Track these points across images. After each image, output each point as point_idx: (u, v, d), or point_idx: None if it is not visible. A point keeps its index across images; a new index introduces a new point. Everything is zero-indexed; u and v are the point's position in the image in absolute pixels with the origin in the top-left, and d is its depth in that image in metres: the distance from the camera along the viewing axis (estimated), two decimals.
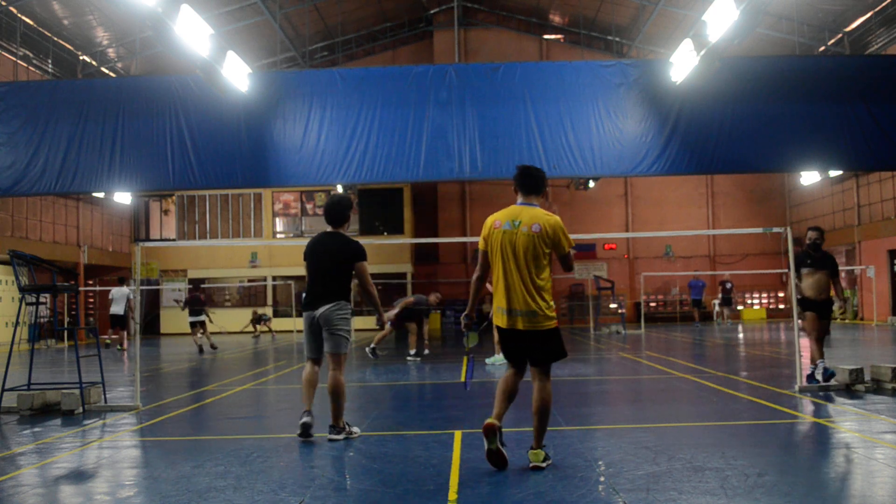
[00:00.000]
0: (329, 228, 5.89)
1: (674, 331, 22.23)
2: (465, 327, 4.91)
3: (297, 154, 11.80)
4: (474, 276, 4.80)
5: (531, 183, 4.73)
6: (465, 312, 4.85)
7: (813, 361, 8.26)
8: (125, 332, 18.25)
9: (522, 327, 4.49)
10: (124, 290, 17.91)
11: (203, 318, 16.91)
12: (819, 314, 8.30)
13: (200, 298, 17.14)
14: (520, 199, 4.72)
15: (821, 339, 8.39)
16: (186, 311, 17.39)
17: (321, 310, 5.68)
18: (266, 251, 28.57)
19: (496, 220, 4.67)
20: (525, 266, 4.49)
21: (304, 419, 5.78)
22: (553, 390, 4.68)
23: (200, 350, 16.96)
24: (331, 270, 5.75)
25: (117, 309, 17.83)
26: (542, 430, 4.61)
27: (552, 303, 4.58)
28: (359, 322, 24.10)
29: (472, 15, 29.79)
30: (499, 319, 4.59)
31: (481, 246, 4.70)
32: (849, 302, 24.48)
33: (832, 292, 8.46)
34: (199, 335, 16.97)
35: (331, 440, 5.68)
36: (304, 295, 5.94)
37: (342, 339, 5.74)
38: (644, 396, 8.56)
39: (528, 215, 4.58)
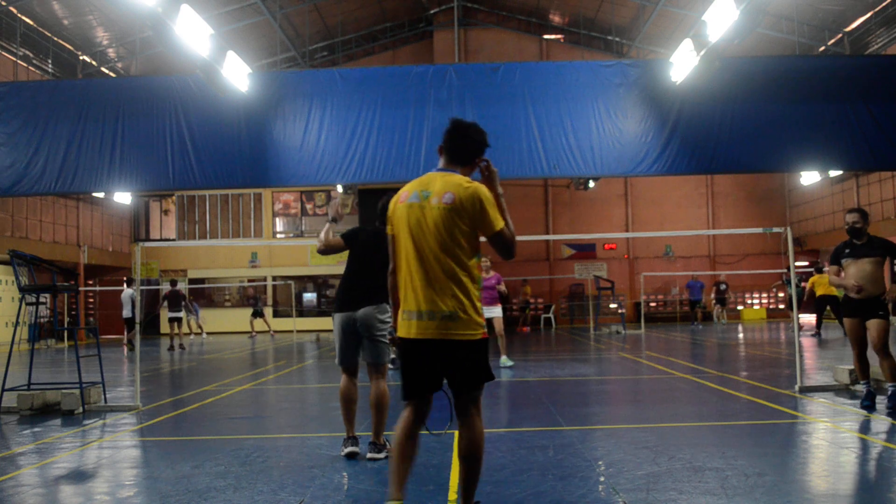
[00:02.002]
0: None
1: (674, 331, 22.23)
2: (393, 342, 3.82)
3: (297, 154, 11.78)
4: (388, 271, 3.58)
5: (461, 144, 3.53)
6: (391, 324, 3.73)
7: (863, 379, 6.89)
8: (132, 333, 18.31)
9: (435, 335, 3.28)
10: (129, 291, 18.04)
11: (181, 314, 17.00)
12: (861, 315, 6.69)
13: (179, 294, 17.21)
14: (441, 162, 3.55)
15: (864, 350, 6.79)
16: (165, 307, 17.57)
17: (362, 311, 5.00)
18: (266, 251, 28.58)
19: (404, 190, 3.51)
20: (438, 251, 3.31)
21: (349, 449, 5.11)
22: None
23: (181, 347, 17.06)
24: (373, 265, 4.96)
25: (126, 312, 17.98)
26: (474, 482, 3.43)
27: (479, 304, 3.38)
28: None
29: (472, 15, 29.79)
30: (403, 328, 3.41)
31: (389, 230, 3.55)
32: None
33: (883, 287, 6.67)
34: (176, 331, 17.26)
35: (371, 459, 5.01)
36: (339, 292, 5.21)
37: (384, 347, 5.07)
38: (644, 396, 8.56)
39: (440, 183, 3.39)
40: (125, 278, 19.93)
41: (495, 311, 11.28)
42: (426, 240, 3.33)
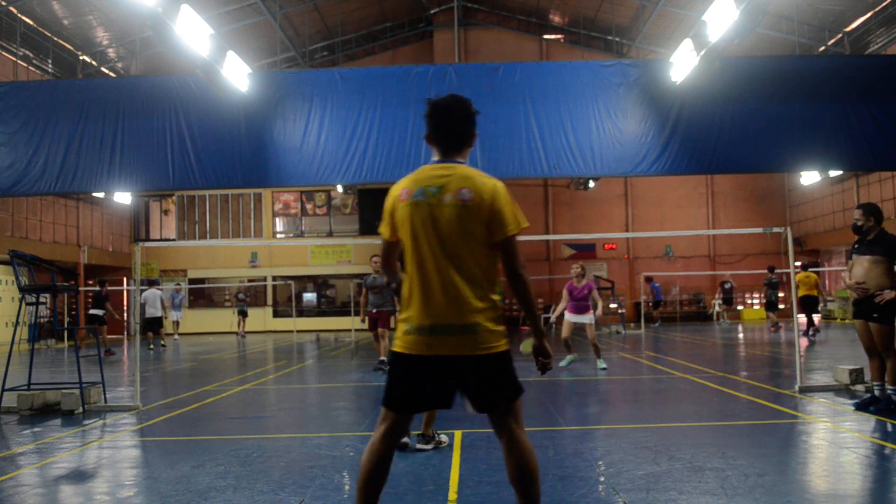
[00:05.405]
0: None
1: (673, 331, 22.24)
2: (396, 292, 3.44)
3: (297, 154, 11.78)
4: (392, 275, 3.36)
5: (448, 129, 3.07)
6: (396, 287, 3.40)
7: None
8: (162, 330, 18.78)
9: (452, 352, 2.86)
10: (157, 292, 18.42)
11: (102, 312, 16.65)
12: (864, 316, 6.47)
13: (102, 294, 16.94)
14: (436, 155, 3.12)
15: (872, 351, 6.54)
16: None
17: None
18: (266, 251, 28.58)
19: (403, 188, 3.08)
20: (456, 255, 2.90)
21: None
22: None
23: (108, 352, 16.75)
24: None
25: (154, 311, 18.15)
26: None
27: (499, 311, 2.99)
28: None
29: (472, 15, 29.79)
30: (408, 344, 2.93)
31: (384, 232, 3.15)
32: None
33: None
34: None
35: (419, 449, 5.27)
36: None
37: None
38: (644, 396, 8.56)
39: (455, 177, 2.98)
40: (148, 279, 20.06)
41: (586, 319, 10.97)
42: (440, 243, 2.91)
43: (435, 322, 2.88)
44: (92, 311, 16.78)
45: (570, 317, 10.91)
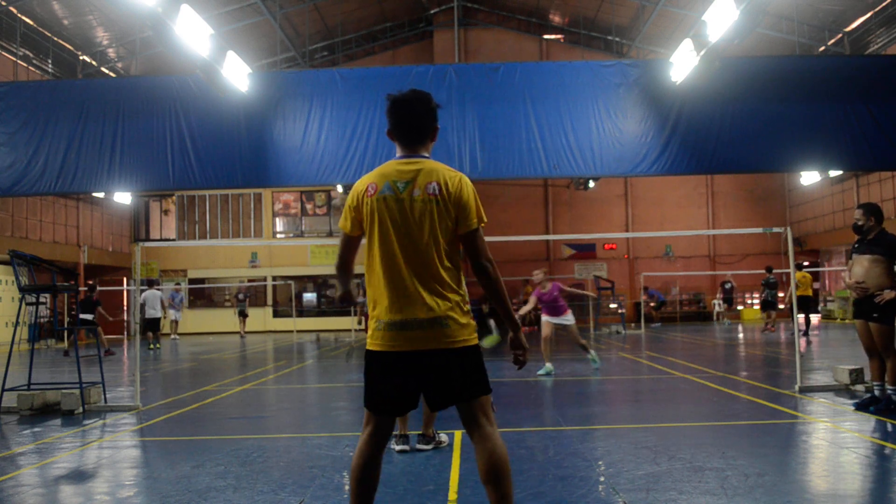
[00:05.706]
0: None
1: (673, 331, 22.25)
2: (340, 300, 3.36)
3: (297, 154, 11.78)
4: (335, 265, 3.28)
5: (414, 123, 3.04)
6: (340, 295, 3.32)
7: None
8: (158, 331, 18.58)
9: (424, 346, 2.87)
10: (156, 292, 18.35)
11: (92, 317, 16.30)
12: (863, 316, 6.47)
13: (92, 299, 16.67)
14: (400, 151, 3.07)
15: (872, 351, 6.54)
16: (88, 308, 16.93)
17: None
18: (266, 251, 28.59)
19: (369, 183, 3.02)
20: (427, 249, 2.90)
21: (400, 447, 5.34)
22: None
23: (109, 352, 16.55)
24: None
25: (153, 312, 18.08)
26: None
27: (468, 307, 3.02)
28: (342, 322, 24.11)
29: (472, 15, 29.79)
30: (379, 341, 2.93)
31: (346, 227, 3.08)
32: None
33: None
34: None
35: (419, 449, 5.31)
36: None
37: None
38: (644, 396, 8.56)
39: (422, 171, 2.97)
40: (148, 279, 19.84)
41: (566, 320, 10.81)
42: (411, 237, 2.90)
43: (405, 317, 2.88)
44: (82, 317, 16.40)
45: (548, 319, 10.86)
